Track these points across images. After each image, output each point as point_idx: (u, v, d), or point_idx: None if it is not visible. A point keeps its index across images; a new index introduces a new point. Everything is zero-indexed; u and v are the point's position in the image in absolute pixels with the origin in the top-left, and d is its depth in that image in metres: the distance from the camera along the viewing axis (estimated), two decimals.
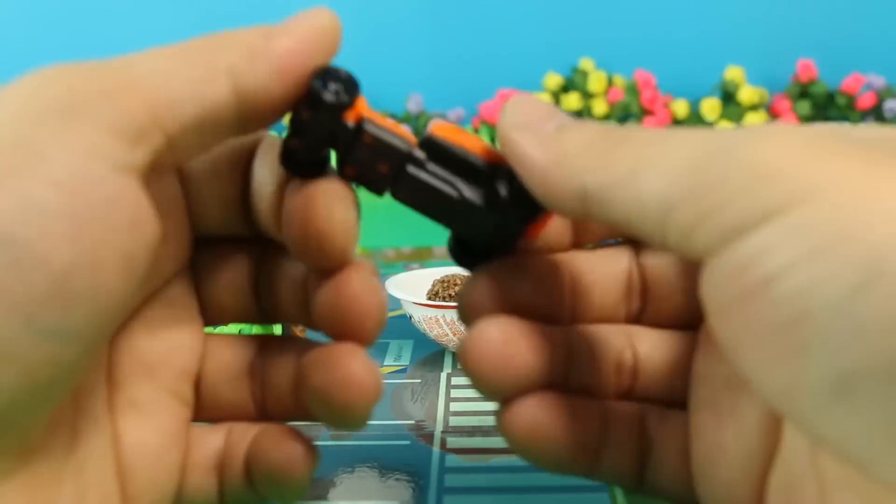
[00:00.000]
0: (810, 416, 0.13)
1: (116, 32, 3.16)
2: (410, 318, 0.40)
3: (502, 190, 0.19)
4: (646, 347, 0.21)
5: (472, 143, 0.20)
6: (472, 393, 0.35)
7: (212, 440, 0.20)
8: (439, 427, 0.32)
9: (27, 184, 0.14)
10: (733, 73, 3.03)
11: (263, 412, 0.21)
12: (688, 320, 0.21)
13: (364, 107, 0.19)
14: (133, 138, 0.15)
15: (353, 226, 0.19)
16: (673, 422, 0.21)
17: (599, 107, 3.02)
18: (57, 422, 0.18)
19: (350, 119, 0.19)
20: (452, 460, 0.29)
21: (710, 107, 2.99)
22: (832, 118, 3.07)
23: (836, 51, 3.07)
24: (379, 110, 3.08)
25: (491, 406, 0.34)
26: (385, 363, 0.40)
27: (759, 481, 0.18)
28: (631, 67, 3.09)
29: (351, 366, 0.18)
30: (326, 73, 0.18)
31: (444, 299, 0.40)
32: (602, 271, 0.22)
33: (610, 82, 3.09)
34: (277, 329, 0.36)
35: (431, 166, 0.20)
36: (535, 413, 0.20)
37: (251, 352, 0.21)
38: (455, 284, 0.41)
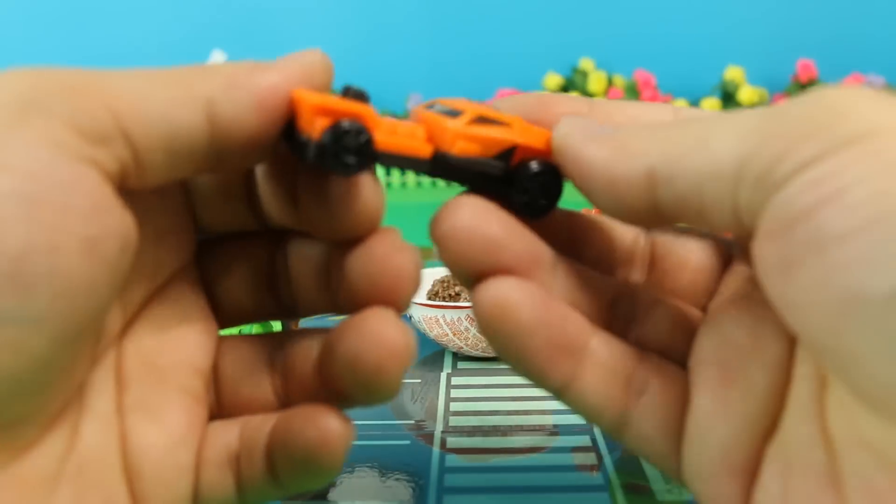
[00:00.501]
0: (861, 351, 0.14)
1: (116, 32, 3.16)
2: (410, 318, 0.40)
3: (522, 198, 0.20)
4: (648, 301, 0.21)
5: (485, 135, 0.20)
6: (472, 393, 0.35)
7: (226, 435, 0.20)
8: (439, 427, 0.32)
9: None
10: (733, 72, 3.03)
11: (286, 405, 0.20)
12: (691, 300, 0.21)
13: (375, 130, 0.19)
14: (93, 137, 0.15)
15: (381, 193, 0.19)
16: (671, 374, 0.20)
17: None
18: (56, 421, 0.17)
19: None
20: (452, 460, 0.29)
21: (710, 107, 2.99)
22: None
23: (835, 51, 3.07)
24: (379, 110, 3.04)
25: (491, 406, 0.34)
26: None
27: (758, 445, 0.18)
28: (631, 67, 3.10)
29: (383, 327, 0.18)
30: (338, 133, 0.18)
31: (444, 299, 0.40)
32: (605, 228, 0.22)
33: (610, 82, 3.09)
34: (277, 326, 0.36)
35: (448, 173, 0.21)
36: (507, 290, 0.18)
37: (269, 345, 0.21)
38: (455, 284, 0.41)
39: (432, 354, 0.41)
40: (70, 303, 0.15)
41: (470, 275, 0.19)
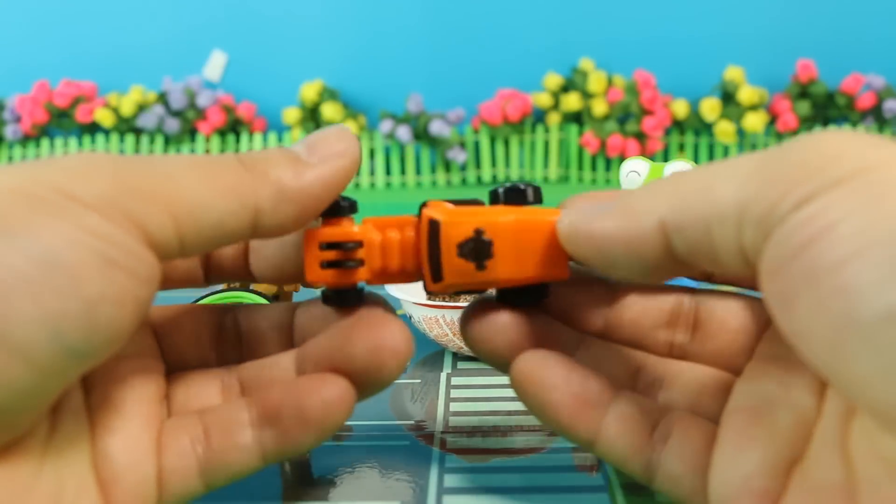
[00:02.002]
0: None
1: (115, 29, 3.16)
2: (410, 318, 0.40)
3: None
4: (682, 369, 0.23)
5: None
6: (472, 393, 0.36)
7: (189, 426, 0.22)
8: (439, 427, 0.32)
9: (70, 224, 0.17)
10: (733, 72, 3.03)
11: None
12: (732, 362, 0.22)
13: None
14: (158, 242, 0.18)
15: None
16: (697, 422, 0.21)
17: (599, 107, 3.01)
18: (37, 418, 0.19)
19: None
20: (452, 460, 0.29)
21: (710, 107, 2.99)
22: (832, 118, 3.07)
23: (835, 51, 3.07)
24: (379, 110, 3.03)
25: (491, 406, 0.34)
26: None
27: (782, 473, 0.18)
28: (631, 67, 3.09)
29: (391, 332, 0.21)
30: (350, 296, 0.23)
31: (443, 299, 0.40)
32: (644, 301, 0.23)
33: (610, 82, 3.09)
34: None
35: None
36: (534, 357, 0.22)
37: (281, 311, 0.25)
38: None
39: (432, 354, 0.41)
40: (114, 348, 0.18)
41: (502, 367, 0.23)
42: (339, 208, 0.22)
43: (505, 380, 0.37)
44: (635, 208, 0.19)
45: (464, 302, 0.39)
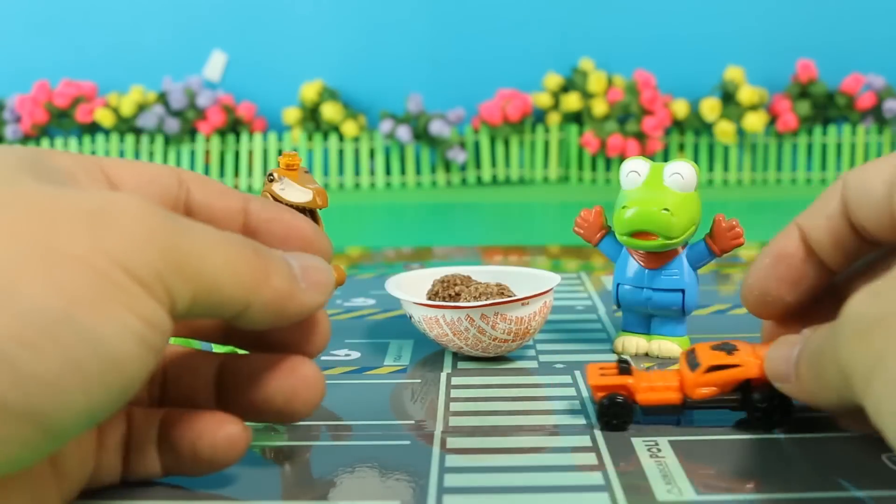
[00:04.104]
0: None
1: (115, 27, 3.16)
2: (410, 318, 0.40)
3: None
4: None
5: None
6: (472, 393, 0.35)
7: (118, 425, 0.24)
8: (439, 427, 0.32)
9: (130, 314, 0.18)
10: (733, 73, 3.03)
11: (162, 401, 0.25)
12: None
13: None
14: (177, 313, 0.20)
15: None
16: None
17: (599, 107, 3.01)
18: None
19: None
20: (452, 460, 0.29)
21: (710, 107, 2.99)
22: (832, 118, 3.07)
23: (835, 51, 3.07)
24: (379, 110, 3.03)
25: (491, 406, 0.34)
26: (385, 363, 0.40)
27: None
28: (631, 67, 3.09)
29: (311, 372, 0.24)
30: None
31: (444, 299, 0.40)
32: None
33: (610, 82, 3.09)
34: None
35: None
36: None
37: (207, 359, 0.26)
38: (455, 284, 0.41)
39: (432, 354, 0.41)
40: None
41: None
42: None
43: (505, 380, 0.37)
44: (804, 386, 0.25)
45: (463, 302, 0.39)
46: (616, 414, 0.30)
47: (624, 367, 0.31)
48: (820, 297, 0.29)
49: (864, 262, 0.28)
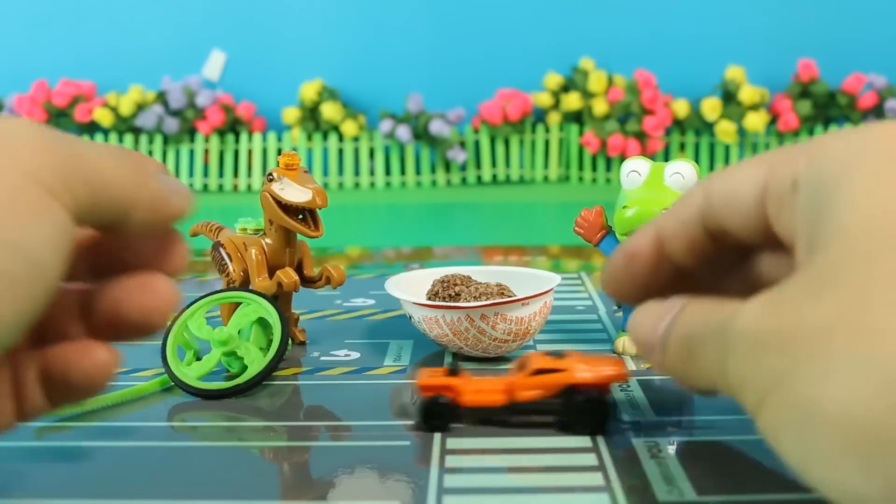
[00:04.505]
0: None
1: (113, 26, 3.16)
2: (410, 318, 0.40)
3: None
4: None
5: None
6: None
7: (4, 371, 0.24)
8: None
9: (47, 223, 0.20)
10: (734, 72, 3.03)
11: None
12: None
13: None
14: (72, 235, 0.21)
15: None
16: None
17: (599, 106, 3.01)
18: None
19: None
20: (452, 460, 0.29)
21: (711, 106, 2.99)
22: (833, 118, 3.07)
23: (836, 50, 3.07)
24: (379, 110, 3.03)
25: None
26: (385, 363, 0.40)
27: None
28: (631, 67, 3.09)
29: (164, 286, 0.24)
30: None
31: (444, 299, 0.40)
32: None
33: (610, 82, 3.09)
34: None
35: None
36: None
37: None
38: (455, 284, 0.41)
39: (432, 354, 0.41)
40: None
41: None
42: None
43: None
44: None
45: (463, 302, 0.39)
46: (437, 414, 0.31)
47: (453, 370, 0.31)
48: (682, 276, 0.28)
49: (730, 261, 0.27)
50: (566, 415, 0.31)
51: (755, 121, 2.96)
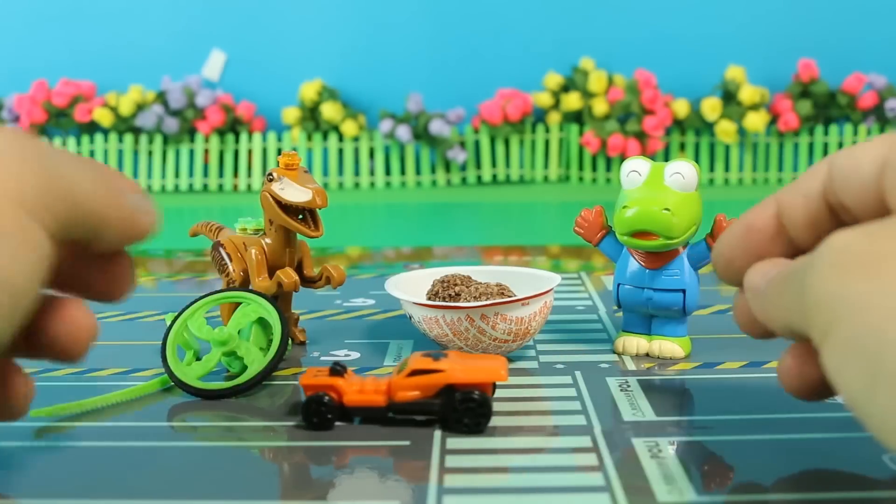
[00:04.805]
0: None
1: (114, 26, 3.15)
2: (410, 318, 0.40)
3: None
4: None
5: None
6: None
7: None
8: (439, 427, 0.32)
9: (21, 246, 0.20)
10: (734, 72, 3.03)
11: None
12: None
13: None
14: (49, 255, 0.21)
15: None
16: None
17: (600, 106, 3.01)
18: None
19: None
20: (452, 460, 0.29)
21: (711, 106, 2.99)
22: (833, 118, 3.07)
23: (837, 50, 3.07)
24: (379, 110, 3.03)
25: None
26: (385, 363, 0.40)
27: None
28: (631, 67, 3.09)
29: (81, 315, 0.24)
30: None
31: (444, 299, 0.40)
32: None
33: (610, 82, 3.09)
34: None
35: None
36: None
37: None
38: (455, 284, 0.41)
39: None
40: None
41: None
42: None
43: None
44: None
45: (463, 302, 0.39)
46: (317, 412, 0.31)
47: (336, 370, 0.32)
48: None
49: None
50: (445, 414, 0.31)
51: (755, 121, 2.96)
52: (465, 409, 0.31)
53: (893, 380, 0.18)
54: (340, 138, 3.09)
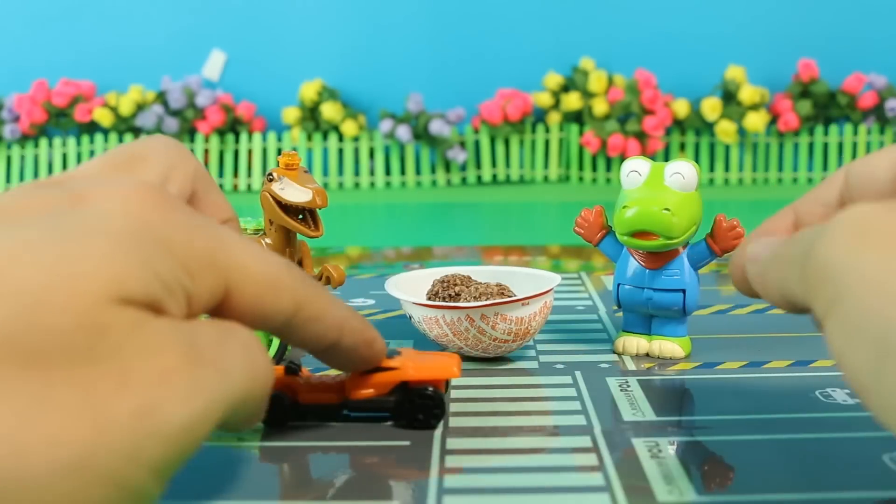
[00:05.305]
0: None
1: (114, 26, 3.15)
2: (410, 318, 0.40)
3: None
4: None
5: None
6: (472, 393, 0.35)
7: None
8: (439, 427, 0.32)
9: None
10: (734, 72, 3.03)
11: None
12: None
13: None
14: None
15: None
16: None
17: (600, 106, 3.01)
18: None
19: None
20: (452, 461, 0.29)
21: (711, 106, 2.99)
22: (833, 118, 3.07)
23: (837, 50, 3.07)
24: (379, 110, 3.02)
25: (491, 407, 0.34)
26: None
27: None
28: (631, 67, 3.09)
29: None
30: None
31: (444, 299, 0.40)
32: None
33: (610, 82, 3.09)
34: None
35: None
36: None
37: None
38: (455, 284, 0.40)
39: None
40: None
41: None
42: None
43: (505, 380, 0.37)
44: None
45: (463, 302, 0.39)
46: (274, 411, 0.31)
47: (291, 369, 0.32)
48: None
49: None
50: (399, 411, 0.31)
51: (755, 121, 2.96)
52: (419, 405, 0.31)
53: None
54: (340, 138, 3.09)
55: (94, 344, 0.16)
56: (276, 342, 0.36)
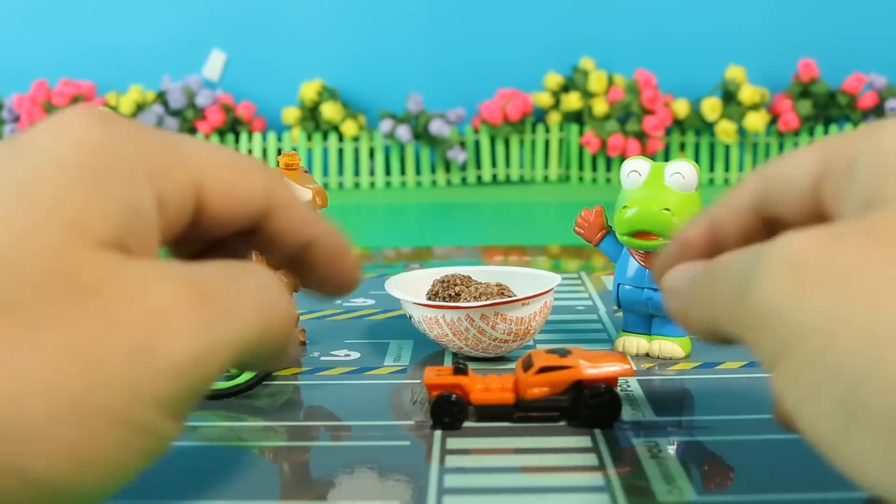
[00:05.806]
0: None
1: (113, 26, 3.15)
2: (410, 318, 0.40)
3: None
4: None
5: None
6: None
7: None
8: (439, 428, 0.32)
9: None
10: (734, 72, 3.03)
11: None
12: None
13: None
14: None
15: None
16: None
17: (600, 106, 3.01)
18: None
19: None
20: (452, 460, 0.29)
21: (711, 106, 2.99)
22: (833, 118, 3.07)
23: (837, 50, 3.07)
24: (379, 109, 3.02)
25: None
26: (385, 363, 0.40)
27: None
28: (631, 67, 3.09)
29: None
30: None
31: (444, 299, 0.40)
32: None
33: (610, 82, 3.09)
34: None
35: None
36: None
37: None
38: (455, 284, 0.41)
39: (432, 354, 0.41)
40: None
41: None
42: None
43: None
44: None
45: (463, 302, 0.39)
46: (448, 412, 0.31)
47: (460, 368, 0.32)
48: None
49: None
50: (575, 410, 0.31)
51: (755, 121, 2.96)
52: (597, 405, 0.31)
53: (873, 421, 0.15)
54: (340, 138, 3.09)
55: (71, 291, 0.16)
56: (247, 374, 0.36)
